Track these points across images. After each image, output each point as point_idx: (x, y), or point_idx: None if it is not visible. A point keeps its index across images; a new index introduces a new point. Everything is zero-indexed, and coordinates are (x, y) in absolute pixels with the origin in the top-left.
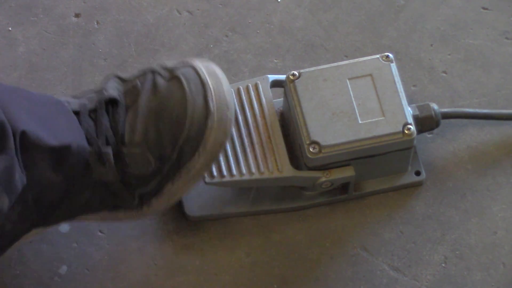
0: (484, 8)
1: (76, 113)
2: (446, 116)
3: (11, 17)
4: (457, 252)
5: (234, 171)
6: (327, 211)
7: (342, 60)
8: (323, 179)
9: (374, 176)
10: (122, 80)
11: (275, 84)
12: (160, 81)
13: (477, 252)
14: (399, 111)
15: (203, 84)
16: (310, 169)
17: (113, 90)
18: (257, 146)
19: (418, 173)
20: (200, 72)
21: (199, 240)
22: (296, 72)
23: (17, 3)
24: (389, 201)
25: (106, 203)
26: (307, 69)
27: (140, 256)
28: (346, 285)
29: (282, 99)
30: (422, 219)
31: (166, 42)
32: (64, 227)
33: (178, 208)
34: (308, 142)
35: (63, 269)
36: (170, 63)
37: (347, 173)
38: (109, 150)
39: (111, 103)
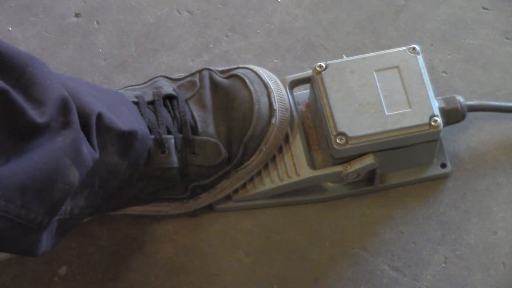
0: (484, 8)
1: (135, 103)
2: (472, 108)
3: (11, 17)
4: (457, 252)
5: (256, 183)
6: (327, 211)
7: None
8: (344, 172)
9: (400, 168)
10: (170, 79)
11: (296, 83)
12: (218, 78)
13: (477, 252)
14: (426, 103)
15: (265, 85)
16: (336, 160)
17: (167, 87)
18: (276, 154)
19: (443, 166)
20: (260, 74)
21: (199, 240)
22: (323, 64)
23: (17, 3)
24: (389, 201)
25: (156, 195)
26: (334, 61)
27: (140, 256)
28: (346, 285)
29: (308, 91)
30: (422, 219)
31: (166, 42)
32: None
33: None
34: (335, 133)
35: (63, 269)
36: (220, 67)
37: (367, 161)
38: (169, 138)
39: (168, 98)
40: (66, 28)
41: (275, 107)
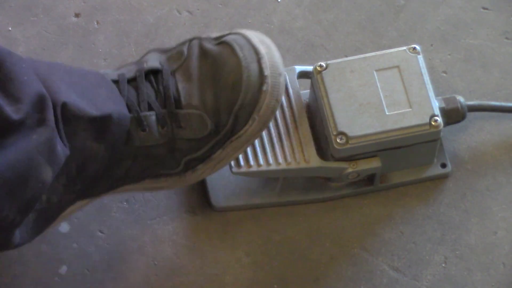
0: (484, 8)
1: (115, 82)
2: (472, 108)
3: (11, 17)
4: (457, 252)
5: (261, 161)
6: (327, 211)
7: None
8: (350, 170)
9: (400, 167)
10: (162, 51)
11: (302, 75)
12: (208, 45)
13: (477, 252)
14: (426, 103)
15: (255, 50)
16: (336, 160)
17: (153, 60)
18: (284, 137)
19: (443, 166)
20: (251, 39)
21: (199, 240)
22: (323, 63)
23: (17, 3)
24: (389, 201)
25: (148, 171)
26: (334, 60)
27: (140, 256)
28: (346, 285)
29: (308, 90)
30: (422, 219)
31: (166, 42)
32: (64, 227)
33: (178, 208)
34: (335, 133)
35: (63, 269)
36: (214, 34)
37: (374, 164)
38: (150, 114)
39: (152, 73)
40: (66, 28)
41: (266, 73)
